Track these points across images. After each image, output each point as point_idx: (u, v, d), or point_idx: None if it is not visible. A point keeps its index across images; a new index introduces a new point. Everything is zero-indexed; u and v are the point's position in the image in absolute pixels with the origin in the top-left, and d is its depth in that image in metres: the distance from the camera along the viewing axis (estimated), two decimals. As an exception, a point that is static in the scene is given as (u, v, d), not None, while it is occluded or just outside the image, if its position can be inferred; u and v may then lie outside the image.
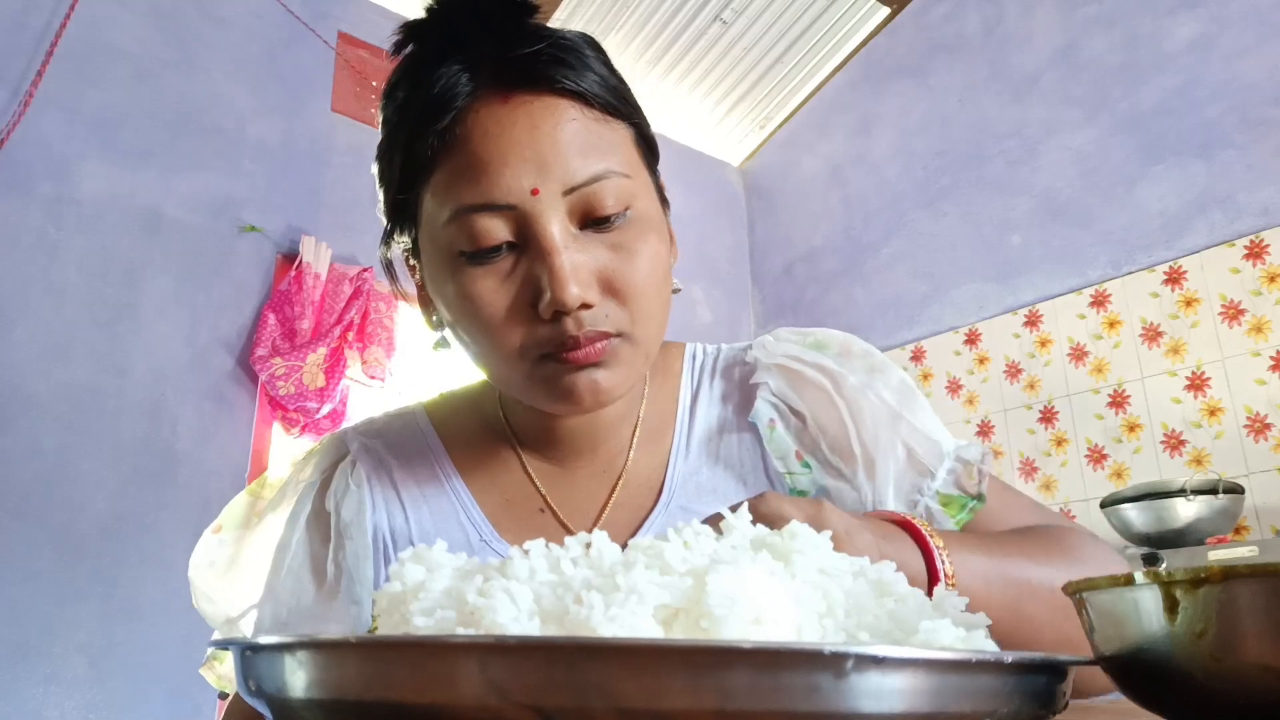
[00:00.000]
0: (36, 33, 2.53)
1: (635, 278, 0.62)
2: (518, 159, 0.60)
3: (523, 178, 0.60)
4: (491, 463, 0.75)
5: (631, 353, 0.63)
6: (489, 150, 0.60)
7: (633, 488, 0.73)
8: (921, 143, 3.48)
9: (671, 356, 0.80)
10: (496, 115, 0.61)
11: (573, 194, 0.60)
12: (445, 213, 0.62)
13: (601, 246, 0.62)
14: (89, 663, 2.23)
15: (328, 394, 2.60)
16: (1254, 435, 2.52)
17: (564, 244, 0.60)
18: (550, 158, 0.60)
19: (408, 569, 0.37)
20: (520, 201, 0.60)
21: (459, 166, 0.61)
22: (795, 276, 3.85)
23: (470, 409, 0.80)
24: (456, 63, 0.62)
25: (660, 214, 0.68)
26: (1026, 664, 0.29)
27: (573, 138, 0.61)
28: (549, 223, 0.60)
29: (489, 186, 0.60)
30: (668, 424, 0.77)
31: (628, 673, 0.25)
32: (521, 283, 0.61)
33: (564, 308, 0.59)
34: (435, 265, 0.65)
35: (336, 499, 0.74)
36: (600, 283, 0.61)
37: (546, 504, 0.73)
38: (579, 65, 0.63)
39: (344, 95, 3.07)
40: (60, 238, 2.44)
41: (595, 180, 0.61)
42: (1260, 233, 2.59)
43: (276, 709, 0.31)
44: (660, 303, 0.65)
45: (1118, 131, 2.92)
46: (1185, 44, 2.82)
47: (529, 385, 0.64)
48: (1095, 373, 2.86)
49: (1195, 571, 0.29)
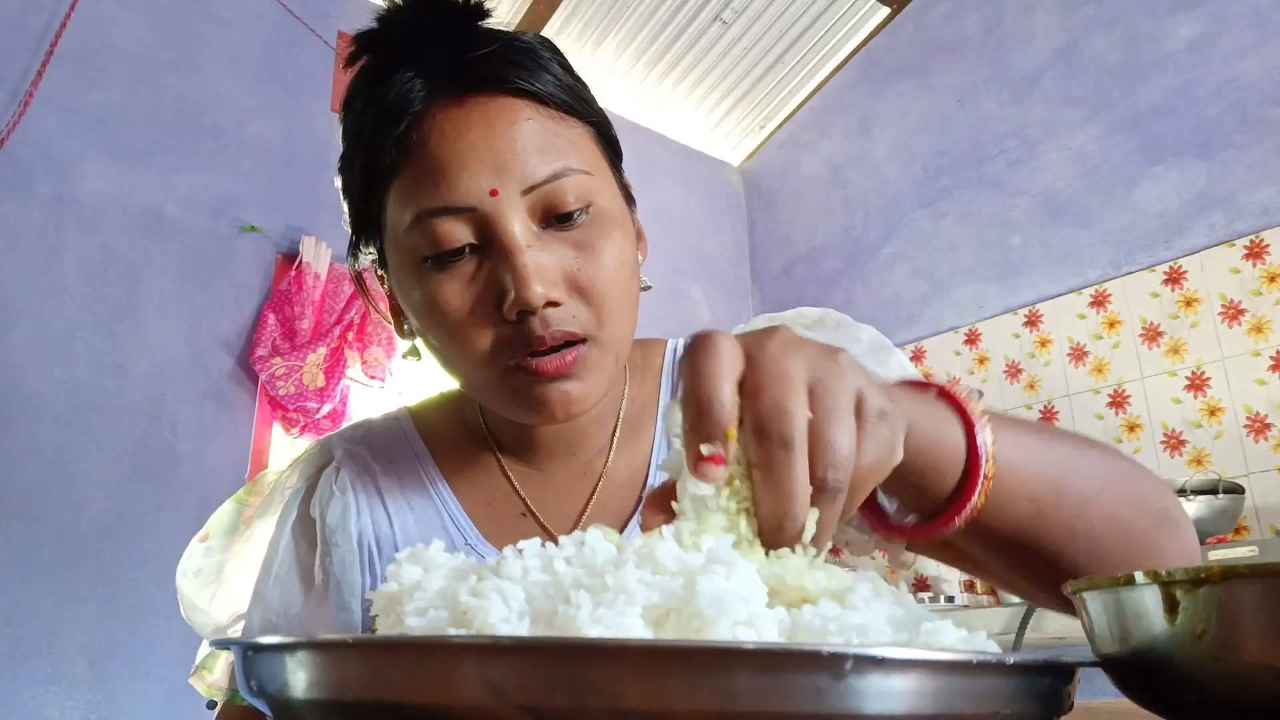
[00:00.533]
0: (36, 33, 2.53)
1: (600, 275, 0.61)
2: (475, 161, 0.60)
3: (481, 179, 0.60)
4: (473, 467, 0.75)
5: (600, 357, 0.62)
6: (446, 153, 0.60)
7: (614, 488, 0.73)
8: (921, 143, 3.48)
9: (652, 353, 0.80)
10: (452, 119, 0.61)
11: (532, 193, 0.60)
12: (407, 218, 0.62)
13: (564, 245, 0.61)
14: (89, 663, 2.22)
15: (328, 394, 2.60)
16: (1254, 435, 2.52)
17: (526, 243, 0.59)
18: (508, 157, 0.60)
19: (404, 569, 0.37)
20: (480, 203, 0.60)
21: (418, 171, 0.61)
22: (795, 276, 3.85)
23: (452, 413, 0.79)
24: (410, 69, 0.63)
25: (625, 211, 0.67)
26: (1029, 666, 0.29)
27: (529, 137, 0.61)
28: (510, 223, 0.59)
29: (448, 190, 0.60)
30: (649, 422, 0.76)
31: (626, 674, 0.25)
32: (485, 285, 0.61)
33: (528, 306, 0.58)
34: (401, 273, 0.65)
35: (321, 505, 0.74)
36: (565, 281, 0.61)
37: (527, 507, 0.73)
38: (533, 66, 0.63)
39: (344, 95, 3.06)
40: (60, 238, 2.44)
41: (554, 178, 0.61)
42: (1260, 233, 2.59)
43: (277, 709, 0.31)
44: (628, 300, 0.64)
45: (1118, 131, 2.92)
46: (1185, 44, 2.81)
47: (498, 393, 0.63)
48: (1095, 373, 2.86)
49: (1195, 571, 0.29)
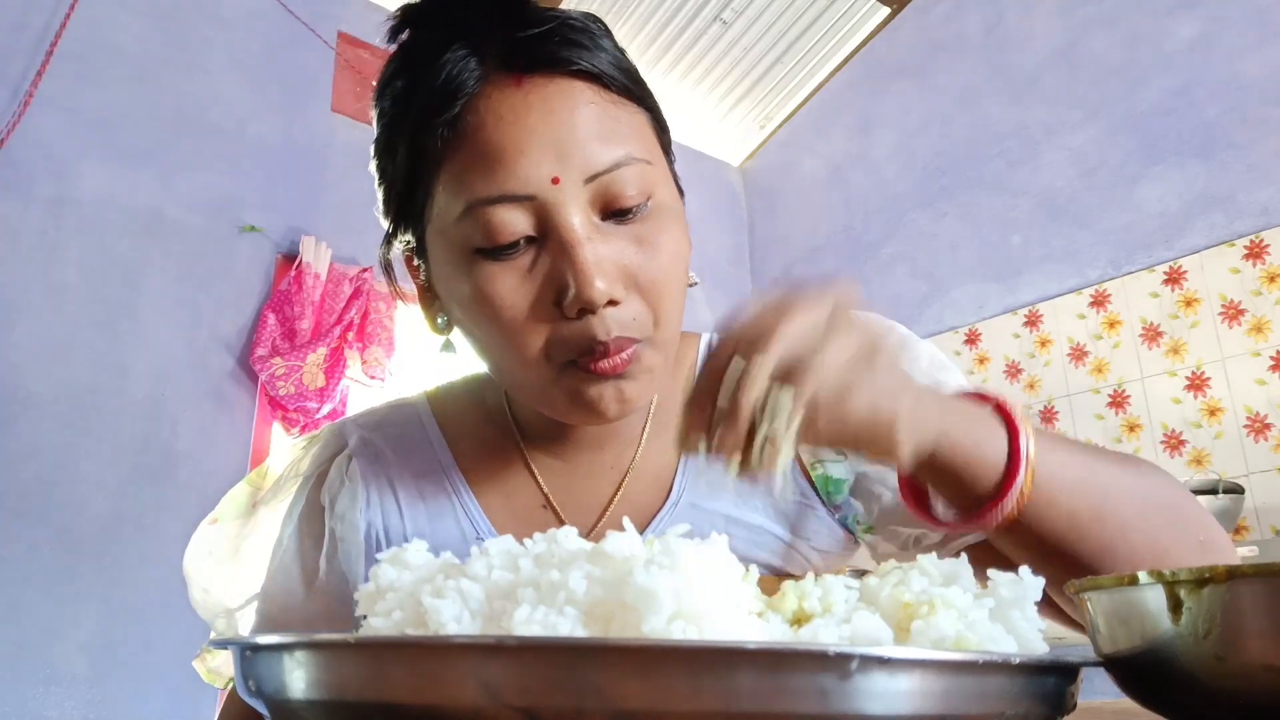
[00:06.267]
0: (36, 33, 2.52)
1: (660, 273, 0.58)
2: (535, 146, 0.56)
3: (542, 166, 0.56)
4: (493, 457, 0.72)
5: (653, 357, 0.60)
6: (504, 138, 0.56)
7: (641, 484, 0.70)
8: (921, 143, 3.48)
9: (686, 346, 0.76)
10: (510, 101, 0.57)
11: (594, 181, 0.57)
12: (458, 206, 0.58)
13: (624, 239, 0.58)
14: (89, 663, 2.22)
15: (328, 394, 2.60)
16: (1254, 435, 2.52)
17: (587, 235, 0.56)
18: (569, 144, 0.56)
19: (383, 570, 0.37)
20: (539, 191, 0.56)
21: (472, 157, 0.57)
22: (795, 276, 3.85)
23: (472, 400, 0.76)
24: (462, 47, 0.58)
25: (679, 204, 0.64)
26: (1034, 666, 0.28)
27: (591, 122, 0.57)
28: (571, 213, 0.56)
29: (505, 177, 0.56)
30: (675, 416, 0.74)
31: (627, 674, 0.25)
32: (543, 280, 0.57)
33: (590, 305, 0.55)
34: (448, 264, 0.60)
35: (331, 494, 0.72)
36: (625, 278, 0.57)
37: (547, 500, 0.70)
38: (591, 46, 0.60)
39: (344, 95, 3.06)
40: (60, 238, 2.44)
41: (616, 167, 0.57)
42: (1260, 233, 2.59)
43: (275, 709, 0.31)
44: (683, 299, 0.62)
45: (1118, 131, 2.92)
46: (1185, 44, 2.81)
47: (549, 393, 0.60)
48: (1095, 373, 2.86)
49: (1199, 571, 0.29)
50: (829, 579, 0.36)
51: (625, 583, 0.30)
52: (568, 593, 0.31)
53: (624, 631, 0.30)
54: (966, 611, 0.33)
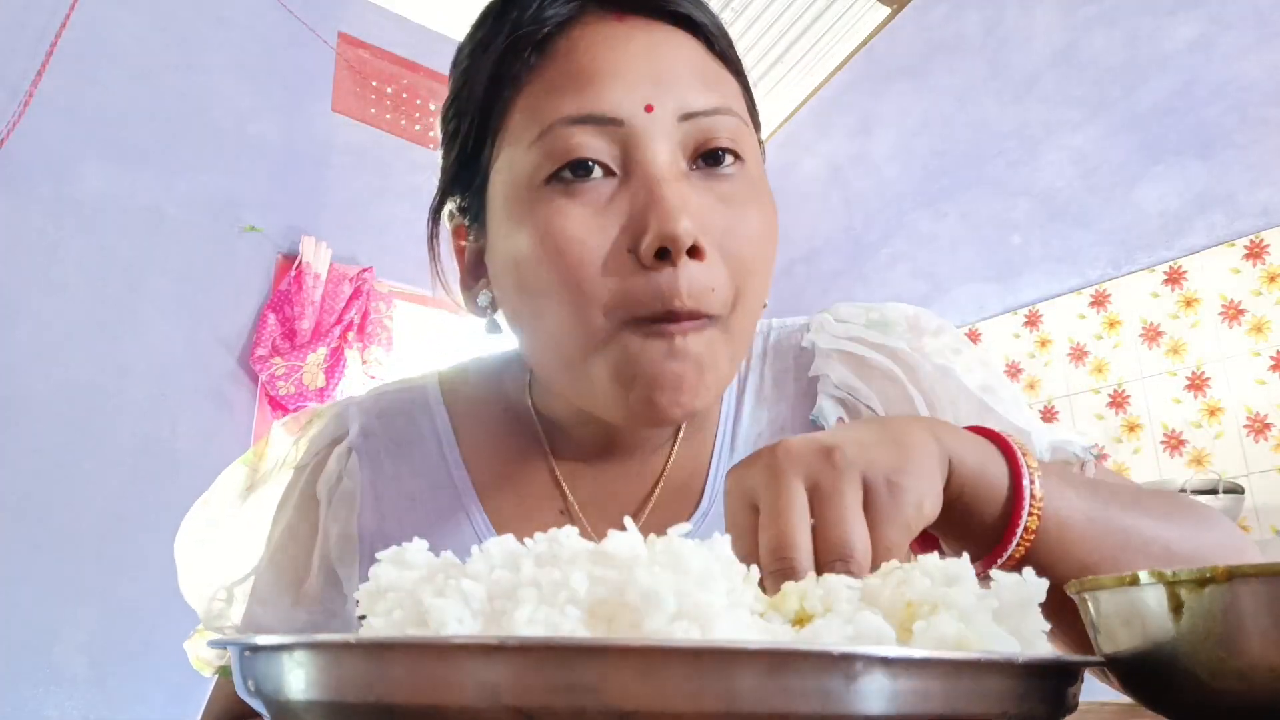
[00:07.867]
0: (36, 33, 2.53)
1: (748, 243, 0.52)
2: (633, 71, 0.51)
3: (636, 90, 0.51)
4: (508, 453, 0.66)
5: (724, 350, 0.53)
6: (599, 60, 0.51)
7: (669, 492, 0.64)
8: (921, 143, 3.48)
9: None
10: (609, 31, 0.53)
11: (689, 121, 0.51)
12: (534, 130, 0.52)
13: (712, 196, 0.52)
14: (89, 663, 2.22)
15: (328, 394, 2.61)
16: (1254, 435, 2.52)
17: (675, 175, 0.50)
18: (670, 78, 0.51)
19: (383, 569, 0.37)
20: (630, 117, 0.50)
21: (561, 76, 0.52)
22: (795, 276, 3.85)
23: (490, 387, 0.69)
24: None
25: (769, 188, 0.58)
26: (1037, 666, 0.28)
27: (695, 65, 0.53)
28: (660, 148, 0.50)
29: (595, 97, 0.51)
30: (711, 418, 0.66)
31: (627, 675, 0.24)
32: (620, 219, 0.50)
33: (673, 241, 0.48)
34: (509, 207, 0.53)
35: (327, 486, 0.67)
36: (710, 234, 0.51)
37: (568, 506, 0.64)
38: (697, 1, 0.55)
39: (344, 95, 3.06)
40: (60, 238, 2.44)
41: (715, 112, 0.52)
42: (1260, 233, 2.59)
43: (275, 709, 0.30)
44: (767, 284, 0.56)
45: (1118, 131, 2.92)
46: (1185, 44, 2.81)
47: (597, 363, 0.52)
48: (1095, 373, 2.86)
49: (1200, 571, 0.29)
50: (830, 579, 0.36)
51: (628, 582, 0.30)
52: (569, 592, 0.31)
53: (626, 631, 0.30)
54: (969, 612, 0.33)
